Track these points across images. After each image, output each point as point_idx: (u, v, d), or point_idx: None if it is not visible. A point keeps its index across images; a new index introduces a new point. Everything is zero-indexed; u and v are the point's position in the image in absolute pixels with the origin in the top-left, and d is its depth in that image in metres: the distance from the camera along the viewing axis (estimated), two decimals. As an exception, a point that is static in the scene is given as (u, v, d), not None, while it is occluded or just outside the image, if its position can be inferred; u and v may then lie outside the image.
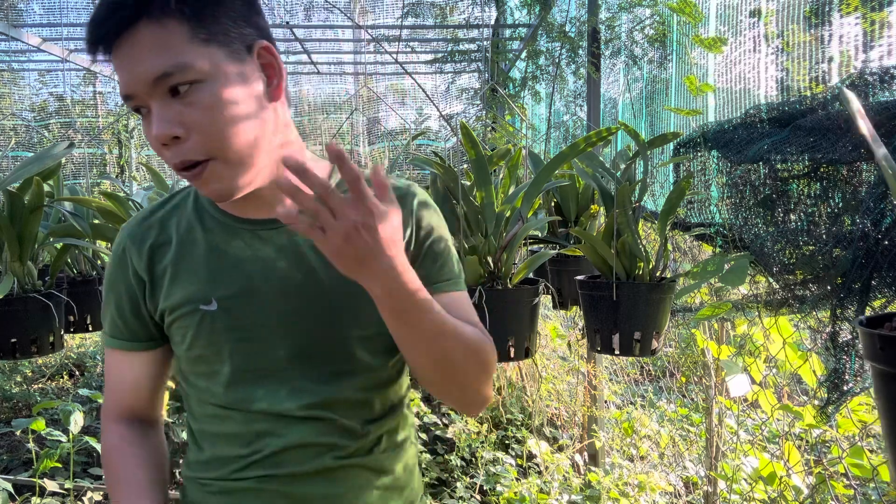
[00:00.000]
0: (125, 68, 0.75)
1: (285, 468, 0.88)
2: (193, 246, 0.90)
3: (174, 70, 0.74)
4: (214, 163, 0.78)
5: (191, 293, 0.88)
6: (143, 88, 0.75)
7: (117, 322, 0.93)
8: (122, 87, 0.77)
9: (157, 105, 0.75)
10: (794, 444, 2.03)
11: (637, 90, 2.72)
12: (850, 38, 1.29)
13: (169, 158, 0.78)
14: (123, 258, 0.91)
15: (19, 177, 1.77)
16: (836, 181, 1.07)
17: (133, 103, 0.78)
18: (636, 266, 1.56)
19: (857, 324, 0.69)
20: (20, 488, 2.91)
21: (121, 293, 0.92)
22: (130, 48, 0.74)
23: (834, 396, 0.98)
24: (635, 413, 2.99)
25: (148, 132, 0.78)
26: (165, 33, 0.74)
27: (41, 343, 1.82)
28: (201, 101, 0.75)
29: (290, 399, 0.87)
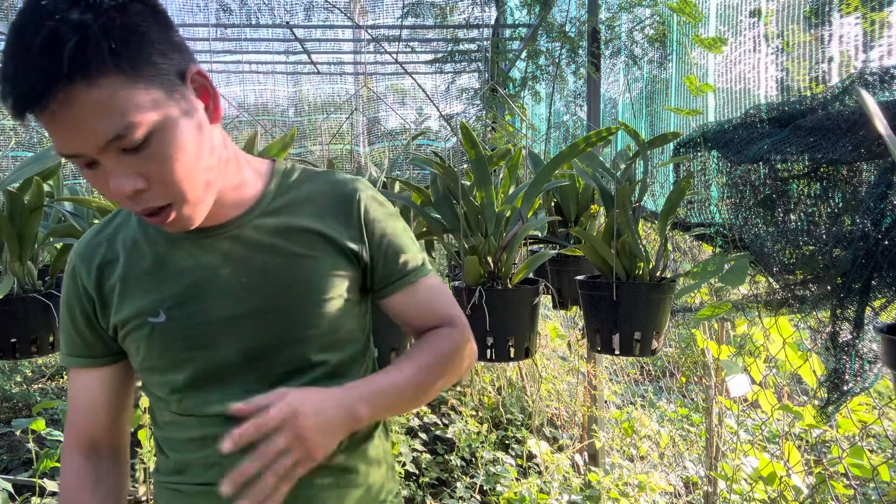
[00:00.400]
0: (64, 132, 0.71)
1: None
2: (140, 260, 0.90)
3: (125, 132, 0.71)
4: (177, 205, 0.79)
5: (139, 307, 0.88)
6: (92, 151, 0.72)
7: (74, 339, 0.93)
8: (64, 147, 0.72)
9: (111, 162, 0.73)
10: (794, 444, 2.03)
11: (637, 90, 2.72)
12: (850, 38, 1.29)
13: (131, 207, 0.78)
14: (75, 277, 0.92)
15: (19, 177, 1.77)
16: (836, 181, 1.07)
17: (81, 161, 0.74)
18: (636, 266, 1.56)
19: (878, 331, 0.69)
20: (20, 488, 2.91)
21: (75, 311, 0.92)
22: (69, 110, 0.69)
23: (834, 396, 0.98)
24: (635, 413, 2.99)
25: (99, 184, 0.76)
26: (107, 93, 0.69)
27: (41, 343, 1.82)
28: (156, 153, 0.74)
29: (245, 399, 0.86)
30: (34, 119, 0.71)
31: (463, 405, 3.45)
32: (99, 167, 0.75)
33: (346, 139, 6.69)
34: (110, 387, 0.95)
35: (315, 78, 6.98)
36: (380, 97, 6.88)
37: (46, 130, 0.73)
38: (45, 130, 0.73)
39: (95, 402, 0.95)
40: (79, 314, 0.92)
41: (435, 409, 3.56)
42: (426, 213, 1.72)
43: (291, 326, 0.89)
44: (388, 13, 5.72)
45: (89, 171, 0.76)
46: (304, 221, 0.92)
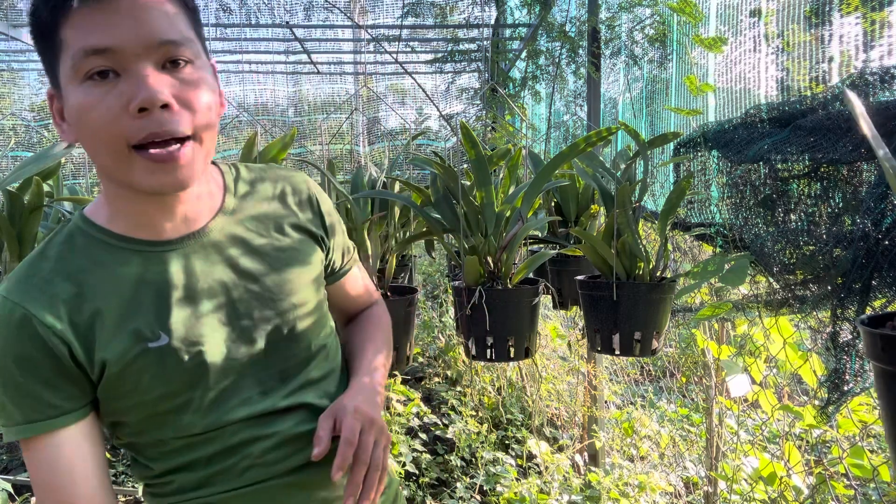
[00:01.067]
0: (116, 22, 0.69)
1: (280, 465, 0.89)
2: (114, 287, 0.80)
3: (183, 42, 0.73)
4: (190, 144, 0.74)
5: (133, 335, 0.80)
6: (137, 48, 0.70)
7: (38, 400, 0.77)
8: (102, 38, 0.69)
9: (150, 69, 0.70)
10: (795, 445, 2.03)
11: (637, 90, 2.72)
12: (850, 38, 1.29)
13: (140, 130, 0.70)
14: (24, 327, 0.76)
15: (19, 177, 1.77)
16: (836, 181, 1.07)
17: (105, 60, 0.69)
18: (636, 266, 1.56)
19: (859, 323, 0.69)
20: (20, 488, 2.90)
21: (34, 365, 0.77)
22: (133, 3, 0.70)
23: (834, 396, 0.98)
24: (635, 413, 2.99)
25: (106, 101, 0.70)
26: (173, 9, 0.74)
27: (41, 343, 1.82)
28: (194, 80, 0.74)
29: (266, 398, 0.88)
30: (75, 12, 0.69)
31: (463, 405, 3.45)
32: (117, 84, 0.70)
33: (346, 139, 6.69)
34: (91, 443, 0.82)
35: (315, 78, 6.98)
36: (380, 97, 6.87)
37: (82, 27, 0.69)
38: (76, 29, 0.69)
39: (75, 471, 0.80)
40: (45, 366, 0.77)
41: (435, 409, 3.56)
42: (426, 213, 1.72)
43: (290, 318, 0.90)
44: (388, 13, 5.72)
45: (100, 82, 0.70)
46: (276, 215, 0.94)
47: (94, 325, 0.79)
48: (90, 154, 0.76)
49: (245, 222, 0.90)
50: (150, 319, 0.81)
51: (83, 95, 0.71)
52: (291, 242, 0.93)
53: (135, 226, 0.82)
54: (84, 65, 0.70)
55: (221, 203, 0.89)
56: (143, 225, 0.82)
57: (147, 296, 0.81)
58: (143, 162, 0.72)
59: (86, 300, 0.79)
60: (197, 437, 0.85)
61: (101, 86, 0.70)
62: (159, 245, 0.83)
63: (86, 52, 0.69)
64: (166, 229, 0.83)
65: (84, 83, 0.71)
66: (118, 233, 0.82)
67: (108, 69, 0.70)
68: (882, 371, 0.67)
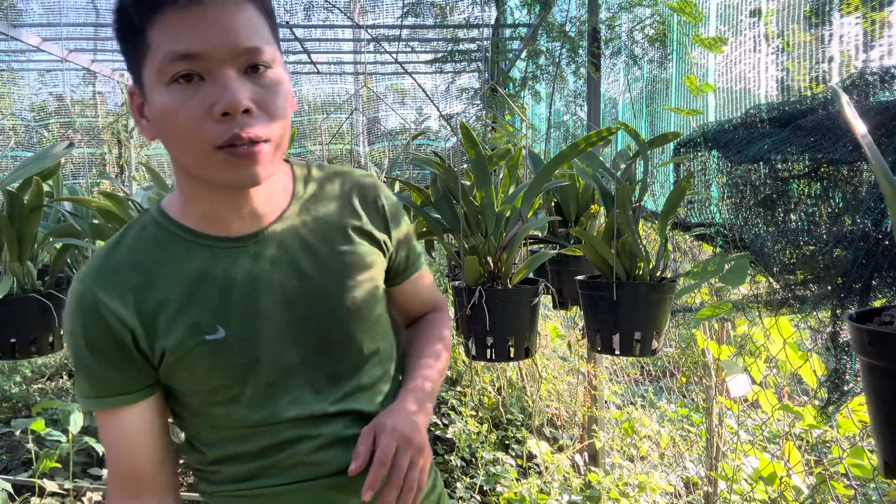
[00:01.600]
0: (204, 28, 0.72)
1: (327, 466, 0.90)
2: (181, 277, 0.85)
3: (264, 48, 0.76)
4: (267, 145, 0.77)
5: (192, 326, 0.84)
6: (222, 55, 0.73)
7: (103, 378, 0.85)
8: (190, 45, 0.72)
9: (233, 75, 0.74)
10: (795, 445, 2.03)
11: (637, 90, 2.72)
12: (850, 38, 1.29)
13: (222, 133, 0.74)
14: (96, 310, 0.82)
15: (19, 177, 1.77)
16: (836, 181, 1.07)
17: (191, 65, 0.73)
18: (636, 266, 1.56)
19: (847, 318, 0.70)
20: (20, 488, 2.90)
21: (103, 346, 0.83)
22: (222, 11, 0.73)
23: (834, 396, 0.98)
24: (635, 413, 2.99)
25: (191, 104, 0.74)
26: (254, 15, 0.77)
27: (40, 343, 1.82)
28: (272, 86, 0.77)
29: (317, 400, 0.90)
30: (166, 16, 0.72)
31: (463, 405, 3.45)
32: (202, 87, 0.74)
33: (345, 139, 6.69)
34: (153, 423, 0.88)
35: (315, 78, 6.98)
36: (380, 97, 6.87)
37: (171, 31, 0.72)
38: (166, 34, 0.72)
39: (138, 444, 0.87)
40: (111, 350, 0.83)
41: (435, 409, 3.56)
42: (426, 213, 1.72)
43: (343, 322, 0.91)
44: (388, 13, 5.72)
45: (185, 86, 0.74)
46: (340, 218, 0.94)
47: (158, 314, 0.83)
48: (172, 152, 0.80)
49: (309, 223, 0.91)
50: (209, 313, 0.84)
51: (169, 98, 0.74)
52: (352, 246, 0.93)
53: (205, 221, 0.86)
54: (171, 68, 0.73)
55: (289, 203, 0.91)
56: (213, 220, 0.86)
57: (209, 289, 0.85)
58: (224, 158, 0.76)
59: (152, 289, 0.84)
60: (248, 429, 0.88)
61: (185, 89, 0.74)
62: (226, 241, 0.87)
63: (174, 56, 0.73)
64: (234, 226, 0.87)
65: (170, 86, 0.74)
66: (189, 226, 0.87)
67: (193, 73, 0.74)
68: (868, 366, 0.68)
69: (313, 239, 0.91)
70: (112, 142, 6.37)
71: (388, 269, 1.00)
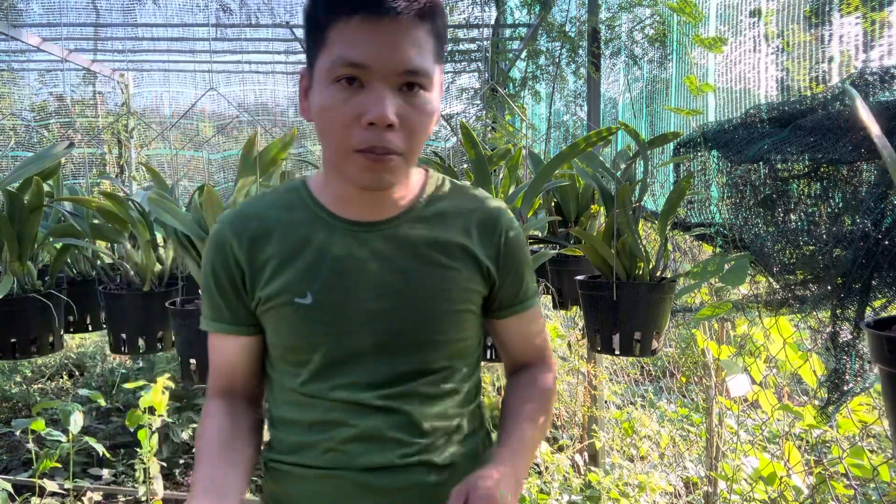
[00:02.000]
0: (376, 42, 0.79)
1: (354, 459, 0.92)
2: (294, 241, 0.94)
3: (424, 73, 0.81)
4: (400, 157, 0.84)
5: (287, 285, 0.92)
6: (385, 70, 0.79)
7: (218, 305, 0.97)
8: (361, 55, 0.79)
9: (389, 91, 0.80)
10: (795, 445, 2.03)
11: (637, 90, 2.72)
12: (850, 38, 1.29)
13: (364, 140, 0.81)
14: (223, 247, 0.95)
15: (19, 177, 1.77)
16: (836, 181, 1.07)
17: (356, 71, 0.80)
18: (636, 266, 1.56)
19: (865, 326, 0.69)
20: (20, 488, 2.91)
21: (221, 279, 0.95)
22: (396, 30, 0.79)
23: (834, 396, 0.98)
24: (635, 413, 2.99)
25: (347, 106, 0.81)
26: (424, 37, 0.81)
27: (41, 343, 1.82)
28: (421, 107, 0.83)
29: (369, 389, 0.92)
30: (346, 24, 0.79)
31: (463, 405, 3.45)
32: (359, 94, 0.80)
33: (346, 139, 6.65)
34: (248, 353, 0.99)
35: (315, 78, 6.96)
36: (380, 97, 6.87)
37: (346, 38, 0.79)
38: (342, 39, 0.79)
39: (235, 363, 0.99)
40: (225, 282, 0.95)
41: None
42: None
43: (424, 329, 0.94)
44: (388, 13, 5.70)
45: (345, 94, 0.81)
46: (451, 234, 0.97)
47: (266, 265, 0.93)
48: (320, 138, 0.88)
49: (421, 229, 0.96)
50: (307, 279, 0.92)
51: (329, 97, 0.82)
52: (454, 263, 0.96)
53: (334, 201, 0.95)
54: (338, 71, 0.81)
55: (411, 206, 0.97)
56: (341, 203, 0.94)
57: (313, 259, 0.93)
58: (360, 160, 0.83)
59: (267, 244, 0.94)
60: (304, 397, 0.94)
61: (345, 91, 0.81)
62: (345, 222, 0.94)
63: (343, 61, 0.80)
64: (357, 212, 0.94)
65: (332, 85, 0.82)
66: (319, 201, 0.96)
67: (355, 78, 0.81)
68: (890, 374, 0.66)
69: (421, 244, 0.95)
70: (112, 142, 6.37)
71: (491, 298, 1.01)
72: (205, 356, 1.71)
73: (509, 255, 1.00)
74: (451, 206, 0.99)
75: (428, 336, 0.94)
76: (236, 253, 0.94)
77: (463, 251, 0.96)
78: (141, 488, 2.79)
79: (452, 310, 0.95)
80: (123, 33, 5.11)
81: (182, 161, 6.73)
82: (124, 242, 1.97)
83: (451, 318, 0.95)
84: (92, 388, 4.24)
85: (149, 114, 6.99)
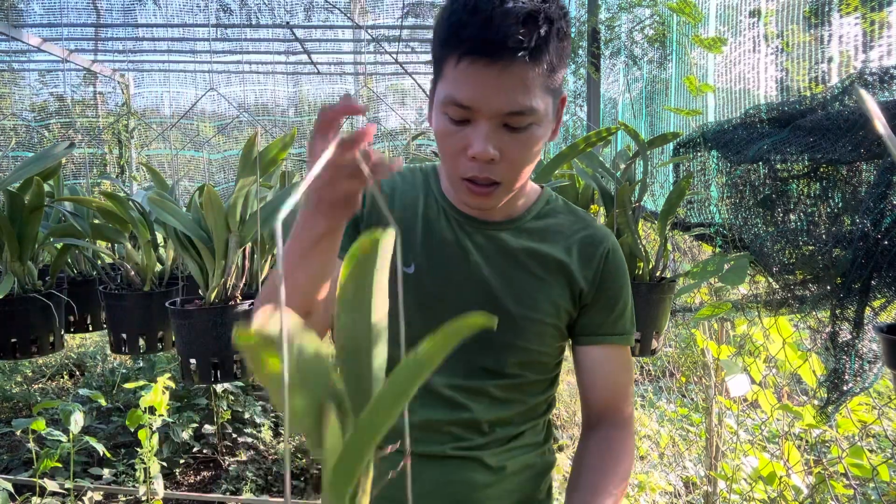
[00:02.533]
0: (483, 87, 0.80)
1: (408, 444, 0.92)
2: (412, 215, 0.98)
3: (527, 112, 0.81)
4: (501, 187, 0.87)
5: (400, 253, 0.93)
6: (490, 111, 0.81)
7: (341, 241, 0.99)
8: (467, 98, 0.81)
9: (490, 127, 0.82)
10: (794, 444, 2.03)
11: (637, 90, 2.72)
12: (849, 38, 1.29)
13: (468, 169, 0.85)
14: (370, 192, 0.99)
15: (19, 177, 1.77)
16: (835, 181, 1.07)
17: (463, 113, 0.82)
18: (636, 266, 1.56)
19: (878, 331, 0.69)
20: (20, 488, 2.91)
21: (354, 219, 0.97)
22: (505, 72, 0.79)
23: (834, 396, 0.98)
24: (635, 413, 2.98)
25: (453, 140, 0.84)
26: (532, 76, 0.80)
27: (41, 343, 1.83)
28: (526, 141, 0.84)
29: (442, 375, 0.93)
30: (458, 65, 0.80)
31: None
32: (466, 127, 0.83)
33: (346, 139, 6.65)
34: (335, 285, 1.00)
35: (315, 78, 6.98)
36: (380, 97, 6.88)
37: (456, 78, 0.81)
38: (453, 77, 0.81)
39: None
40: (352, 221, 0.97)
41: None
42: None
43: (507, 331, 0.95)
44: (388, 13, 5.72)
45: (454, 126, 0.84)
46: (552, 250, 0.99)
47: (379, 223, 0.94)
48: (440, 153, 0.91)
49: (523, 240, 0.98)
50: (418, 252, 0.96)
51: (441, 125, 0.86)
52: (546, 275, 0.97)
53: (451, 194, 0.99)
54: (447, 107, 0.84)
55: (520, 217, 1.00)
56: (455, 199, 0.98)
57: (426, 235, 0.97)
58: (466, 186, 0.88)
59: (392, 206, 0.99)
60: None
61: (459, 126, 0.84)
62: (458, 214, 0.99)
63: (450, 100, 0.82)
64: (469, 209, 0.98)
65: (443, 115, 0.85)
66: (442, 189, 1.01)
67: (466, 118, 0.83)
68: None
69: (520, 252, 0.97)
70: (112, 142, 6.38)
71: (576, 319, 1.01)
72: (205, 356, 1.72)
73: (606, 281, 1.00)
74: (557, 223, 1.01)
75: (509, 339, 0.95)
76: (365, 200, 0.97)
77: (559, 267, 0.98)
78: (141, 488, 2.79)
79: (538, 319, 0.96)
80: (124, 33, 5.12)
81: (182, 161, 6.73)
82: (125, 242, 1.97)
83: (535, 328, 0.96)
84: (92, 387, 4.25)
85: (149, 114, 7.00)
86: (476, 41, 0.78)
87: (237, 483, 3.41)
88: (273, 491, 3.44)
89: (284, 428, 1.01)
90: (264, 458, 3.68)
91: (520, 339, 0.96)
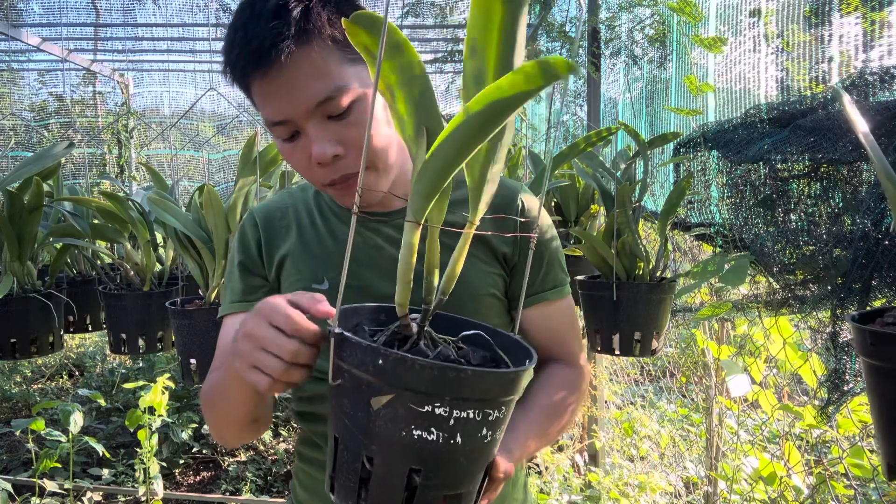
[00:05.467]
0: (279, 95, 0.78)
1: None
2: (311, 231, 0.97)
3: (335, 94, 0.78)
4: (368, 173, 0.84)
5: (306, 272, 0.94)
6: (302, 114, 0.79)
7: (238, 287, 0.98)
8: (275, 113, 0.79)
9: (314, 128, 0.80)
10: (795, 445, 2.03)
11: (637, 90, 2.72)
12: (850, 38, 1.29)
13: (324, 176, 0.83)
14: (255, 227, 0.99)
15: (19, 177, 1.77)
16: (836, 181, 1.07)
17: (286, 129, 0.81)
18: (636, 266, 1.56)
19: (849, 319, 0.70)
20: (20, 488, 2.91)
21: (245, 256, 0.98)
22: (288, 71, 0.76)
23: (834, 396, 0.98)
24: (635, 413, 2.99)
25: (297, 158, 0.83)
26: (321, 58, 0.77)
27: (41, 343, 1.82)
28: (357, 121, 0.81)
29: None
30: (252, 88, 0.79)
31: (463, 405, 3.44)
32: (299, 140, 0.82)
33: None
34: None
35: (315, 78, 6.97)
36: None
37: (259, 101, 0.80)
38: (258, 102, 0.80)
39: None
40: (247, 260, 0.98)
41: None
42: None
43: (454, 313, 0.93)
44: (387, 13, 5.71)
45: (288, 144, 0.83)
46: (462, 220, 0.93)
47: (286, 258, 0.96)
48: None
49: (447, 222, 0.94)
50: (324, 266, 0.94)
51: (280, 146, 0.85)
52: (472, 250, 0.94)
53: None
54: (272, 130, 0.83)
55: None
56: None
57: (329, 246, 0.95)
58: (332, 191, 0.87)
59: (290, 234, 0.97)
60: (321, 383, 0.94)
61: (293, 142, 0.83)
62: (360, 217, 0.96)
63: (269, 123, 0.81)
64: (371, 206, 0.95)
65: (276, 137, 0.84)
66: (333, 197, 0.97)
67: (292, 132, 0.82)
68: (871, 367, 0.68)
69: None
70: (112, 142, 6.37)
71: (510, 284, 0.98)
72: (205, 356, 1.72)
73: (526, 239, 0.95)
74: (462, 194, 0.94)
75: None
76: (262, 236, 0.98)
77: (476, 237, 0.92)
78: (141, 488, 2.79)
79: (470, 294, 0.92)
80: (123, 33, 5.12)
81: (182, 161, 6.73)
82: (124, 242, 1.97)
83: (469, 304, 0.92)
84: (92, 388, 4.25)
85: (148, 114, 6.99)
86: (246, 58, 0.76)
87: (237, 483, 3.41)
88: (273, 491, 3.44)
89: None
90: (264, 458, 3.68)
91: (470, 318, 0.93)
